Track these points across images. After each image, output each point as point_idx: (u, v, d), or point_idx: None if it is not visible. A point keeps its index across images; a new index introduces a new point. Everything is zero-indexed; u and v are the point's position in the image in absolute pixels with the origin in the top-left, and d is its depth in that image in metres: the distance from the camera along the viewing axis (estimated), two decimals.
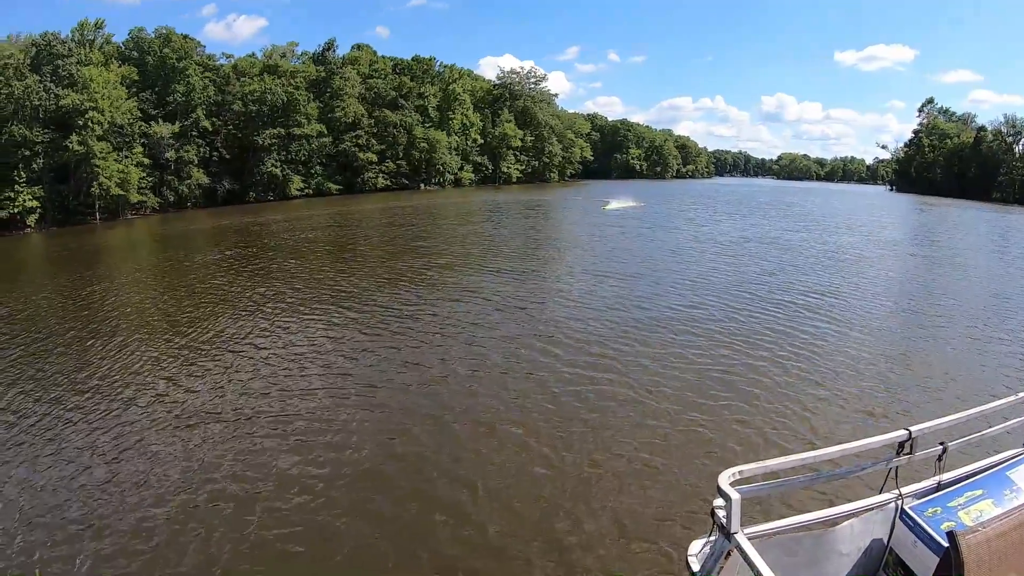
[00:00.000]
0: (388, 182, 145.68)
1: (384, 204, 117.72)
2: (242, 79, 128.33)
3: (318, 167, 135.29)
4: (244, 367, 29.62)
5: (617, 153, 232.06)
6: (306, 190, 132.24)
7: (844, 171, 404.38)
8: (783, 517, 7.14)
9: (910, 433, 7.02)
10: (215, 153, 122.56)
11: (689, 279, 46.12)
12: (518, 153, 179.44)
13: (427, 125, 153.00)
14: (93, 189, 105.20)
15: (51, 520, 17.42)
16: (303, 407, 24.73)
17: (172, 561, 15.54)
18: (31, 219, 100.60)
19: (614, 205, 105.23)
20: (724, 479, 6.07)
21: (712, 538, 6.37)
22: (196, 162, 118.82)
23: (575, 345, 30.37)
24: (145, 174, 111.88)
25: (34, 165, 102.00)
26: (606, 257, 56.85)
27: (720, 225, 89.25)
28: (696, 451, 19.89)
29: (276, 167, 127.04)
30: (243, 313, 39.70)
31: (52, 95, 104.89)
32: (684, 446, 20.22)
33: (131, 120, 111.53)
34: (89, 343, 34.80)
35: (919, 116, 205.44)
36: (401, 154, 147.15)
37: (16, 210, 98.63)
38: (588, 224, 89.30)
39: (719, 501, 6.12)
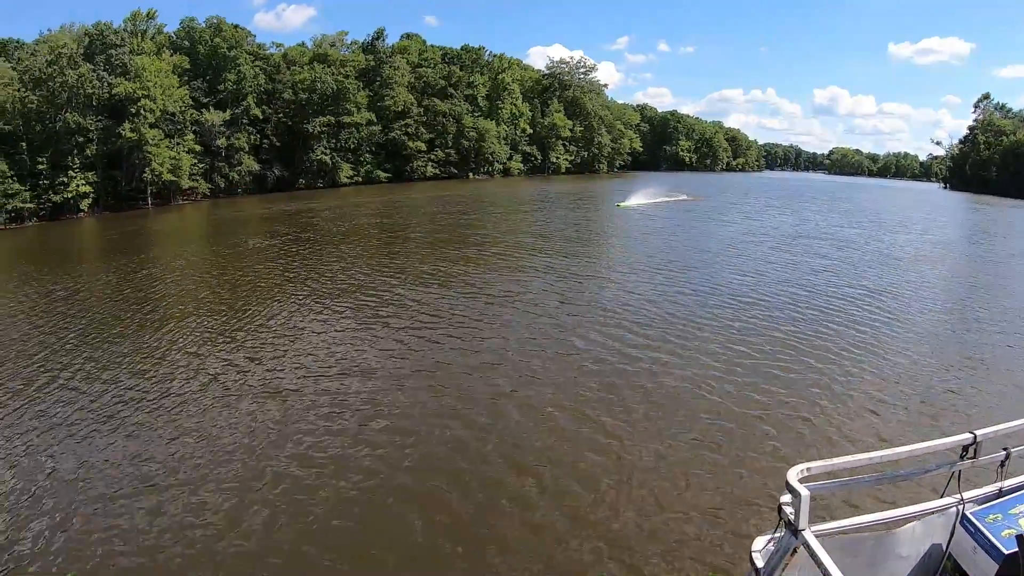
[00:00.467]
0: (437, 171, 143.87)
1: (433, 193, 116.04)
2: (292, 68, 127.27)
3: (367, 155, 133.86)
4: (302, 350, 29.82)
5: (667, 145, 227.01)
6: (355, 178, 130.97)
7: (897, 167, 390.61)
8: (844, 517, 6.99)
9: (975, 437, 6.78)
10: (265, 140, 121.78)
11: (746, 273, 45.53)
12: (567, 143, 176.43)
13: (476, 114, 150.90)
14: (145, 175, 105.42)
15: (108, 494, 17.90)
16: (363, 389, 24.89)
17: (234, 539, 15.90)
18: (84, 204, 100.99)
19: (631, 202, 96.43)
20: (793, 475, 5.98)
21: (778, 534, 6.29)
22: (247, 149, 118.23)
23: (634, 335, 30.08)
24: (196, 161, 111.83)
25: (88, 151, 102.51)
26: (662, 249, 56.06)
27: (774, 219, 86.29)
28: (757, 446, 19.63)
29: (326, 155, 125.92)
30: (297, 297, 39.83)
31: (105, 83, 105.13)
32: (745, 440, 19.95)
33: (183, 108, 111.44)
34: (145, 325, 35.42)
35: (975, 112, 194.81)
36: (450, 143, 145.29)
37: (70, 195, 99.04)
38: (638, 216, 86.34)
39: (787, 497, 6.03)
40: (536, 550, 15.05)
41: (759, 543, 6.46)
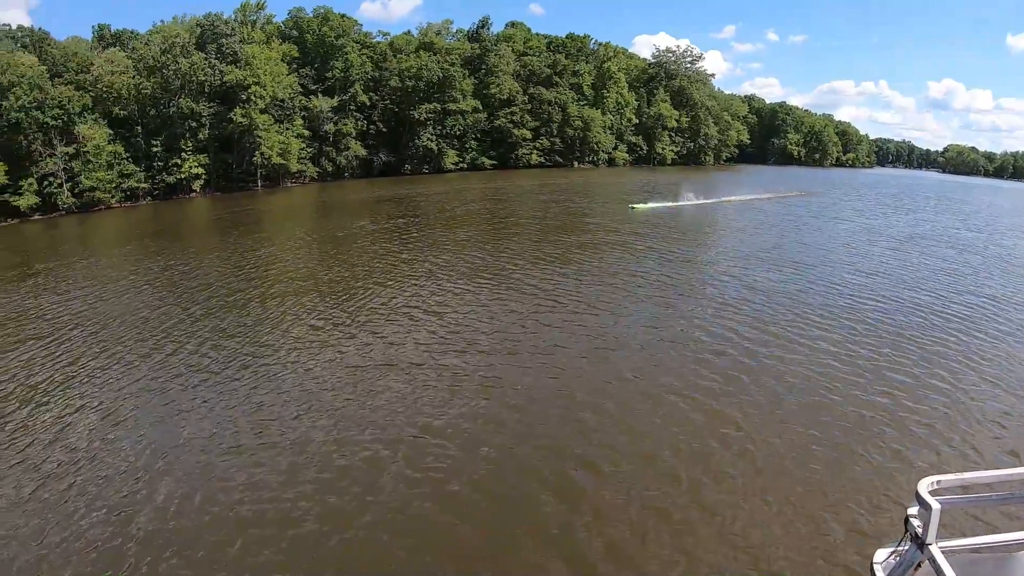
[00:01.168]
0: (542, 159, 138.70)
1: (539, 180, 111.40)
2: (398, 56, 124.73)
3: (473, 142, 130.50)
4: (422, 327, 30.60)
5: (774, 138, 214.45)
6: (461, 164, 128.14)
7: (1015, 168, 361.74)
8: (967, 535, 6.97)
9: None
10: (372, 126, 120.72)
11: (864, 272, 44.16)
12: (673, 134, 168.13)
13: (582, 103, 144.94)
14: (255, 158, 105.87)
15: (232, 450, 19.65)
16: (484, 366, 25.50)
17: (371, 505, 16.71)
18: (196, 185, 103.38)
19: (651, 205, 78.76)
20: (924, 487, 5.89)
21: (902, 547, 6.16)
22: (354, 135, 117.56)
23: (754, 330, 29.78)
24: (305, 145, 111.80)
25: (200, 135, 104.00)
26: (776, 245, 54.43)
27: (888, 218, 79.88)
28: (878, 449, 19.16)
29: (432, 141, 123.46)
30: (414, 278, 40.53)
31: (217, 71, 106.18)
32: (866, 442, 19.50)
33: (292, 94, 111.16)
34: (266, 299, 37.25)
35: None
36: (555, 131, 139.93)
37: (183, 176, 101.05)
38: (751, 211, 79.76)
39: (914, 509, 5.98)
40: (670, 542, 15.13)
41: (881, 555, 6.41)
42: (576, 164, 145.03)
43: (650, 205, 76.36)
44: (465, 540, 15.44)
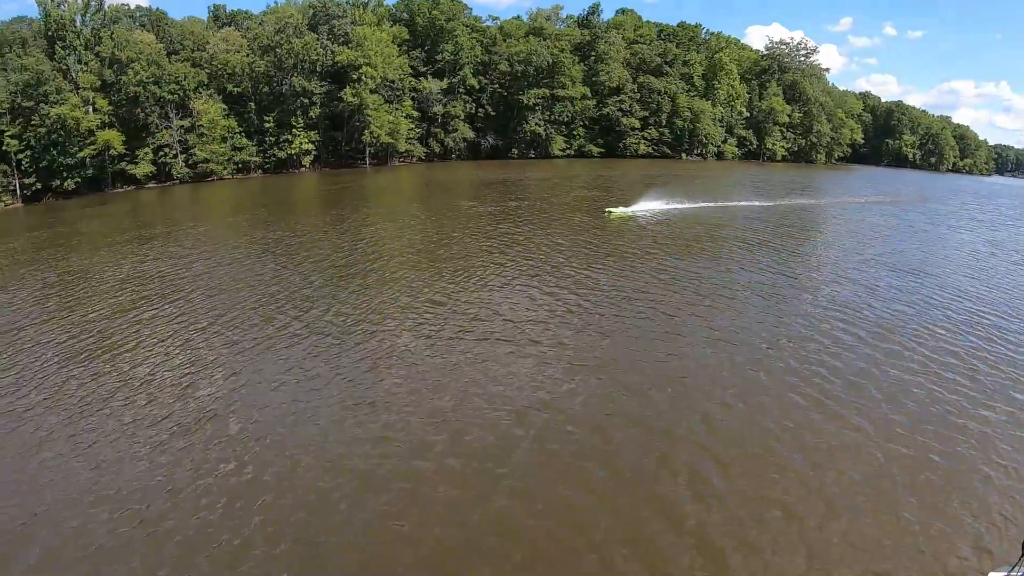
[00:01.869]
0: (649, 149, 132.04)
1: (646, 171, 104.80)
2: (508, 40, 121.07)
3: (580, 129, 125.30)
4: (536, 306, 30.72)
5: (889, 138, 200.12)
6: (568, 151, 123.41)
7: None
8: None
9: None
10: (480, 109, 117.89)
11: (987, 285, 40.46)
12: (784, 129, 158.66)
13: (692, 94, 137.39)
14: (364, 137, 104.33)
15: (360, 418, 20.59)
16: (597, 346, 25.85)
17: (505, 473, 17.55)
18: (306, 160, 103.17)
19: (630, 210, 60.32)
20: None
21: (1016, 572, 6.36)
22: (462, 117, 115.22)
23: (872, 334, 28.54)
24: (413, 126, 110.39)
25: (311, 113, 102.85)
26: (894, 251, 50.10)
27: (1012, 231, 70.27)
28: (999, 472, 18.17)
29: (540, 126, 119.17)
30: (521, 258, 40.26)
31: (328, 51, 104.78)
32: (986, 462, 18.59)
33: (402, 76, 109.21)
34: (378, 273, 37.47)
35: None
36: (664, 121, 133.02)
37: (293, 152, 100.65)
38: (869, 214, 72.35)
39: None
40: (795, 537, 15.21)
41: None
42: (684, 156, 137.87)
43: (628, 210, 59.12)
44: (596, 521, 15.68)
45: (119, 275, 40.83)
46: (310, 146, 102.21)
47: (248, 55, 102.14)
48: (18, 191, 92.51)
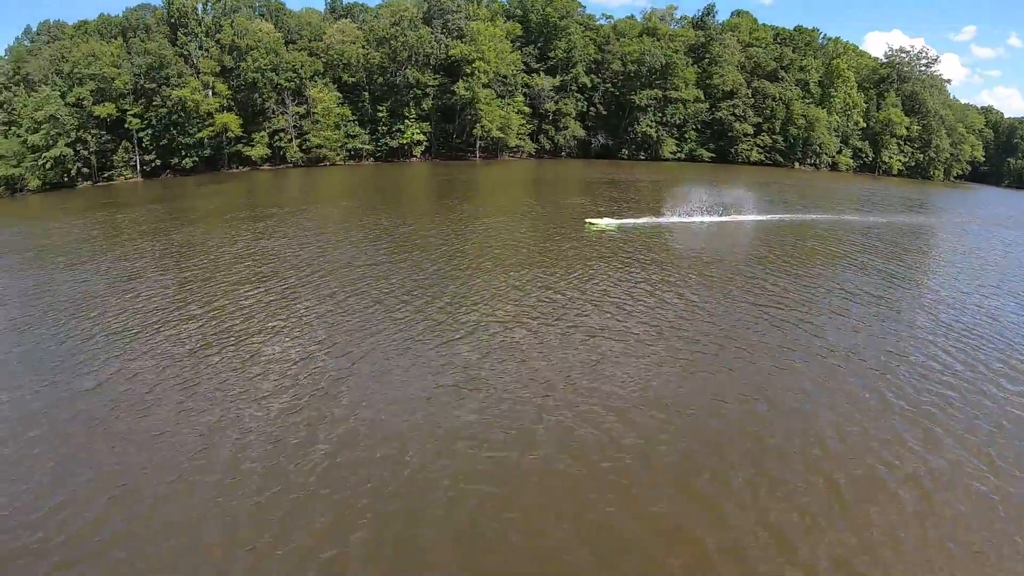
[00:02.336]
0: (762, 156, 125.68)
1: (758, 179, 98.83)
2: (621, 39, 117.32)
3: (692, 132, 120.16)
4: (650, 309, 29.81)
5: (1011, 157, 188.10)
6: (678, 154, 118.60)
7: None
8: None
9: None
10: (592, 108, 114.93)
11: None
12: (901, 143, 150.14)
13: (807, 101, 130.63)
14: (475, 130, 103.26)
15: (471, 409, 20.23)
16: (708, 352, 25.13)
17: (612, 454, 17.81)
18: (417, 150, 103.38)
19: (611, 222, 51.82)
20: None
21: None
22: (573, 115, 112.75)
23: (992, 368, 25.41)
24: (524, 121, 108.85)
25: (424, 104, 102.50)
26: (1017, 280, 43.80)
27: None
28: None
29: (651, 128, 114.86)
30: (636, 261, 38.94)
31: (442, 45, 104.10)
32: None
33: (514, 71, 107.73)
34: (490, 266, 36.70)
35: None
36: (778, 128, 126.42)
37: (405, 141, 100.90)
38: (985, 234, 64.52)
39: None
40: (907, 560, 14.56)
41: None
42: (797, 165, 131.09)
43: (613, 222, 51.21)
44: (701, 538, 14.99)
45: (235, 251, 41.76)
46: (421, 137, 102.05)
47: (363, 46, 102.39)
48: (138, 167, 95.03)
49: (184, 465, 17.51)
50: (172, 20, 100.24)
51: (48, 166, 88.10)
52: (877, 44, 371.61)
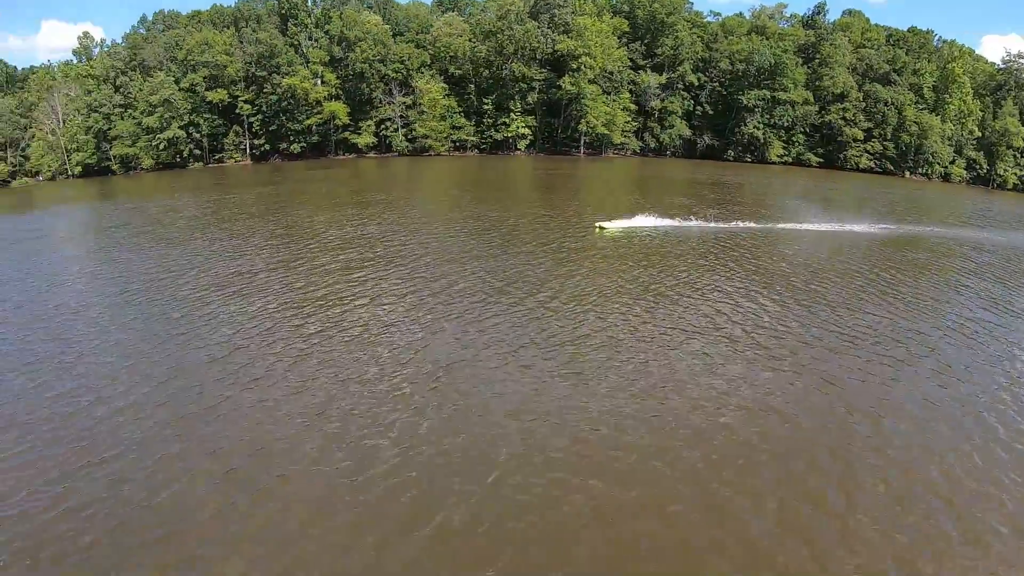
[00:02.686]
0: (871, 163, 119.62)
1: (868, 187, 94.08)
2: (729, 37, 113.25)
3: (800, 136, 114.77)
4: (756, 312, 28.92)
5: None
6: (785, 157, 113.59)
7: None
8: None
9: None
10: (698, 107, 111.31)
11: None
12: (1019, 155, 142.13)
13: (920, 107, 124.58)
14: (580, 126, 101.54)
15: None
16: (820, 357, 24.17)
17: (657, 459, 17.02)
18: (521, 144, 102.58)
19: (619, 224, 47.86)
20: None
21: None
22: (679, 113, 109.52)
23: None
24: (630, 119, 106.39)
25: (529, 98, 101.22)
26: None
27: None
28: None
29: (758, 129, 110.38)
30: (745, 261, 38.22)
31: (549, 39, 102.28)
32: None
33: (620, 68, 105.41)
34: (590, 268, 35.44)
35: None
36: (889, 135, 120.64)
37: (510, 135, 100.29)
38: None
39: None
40: None
41: None
42: (907, 174, 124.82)
43: (623, 224, 47.70)
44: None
45: (343, 235, 42.17)
46: (526, 131, 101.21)
47: (470, 39, 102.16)
48: (248, 150, 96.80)
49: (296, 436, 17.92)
50: (283, 11, 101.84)
51: (162, 147, 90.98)
52: (994, 48, 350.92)
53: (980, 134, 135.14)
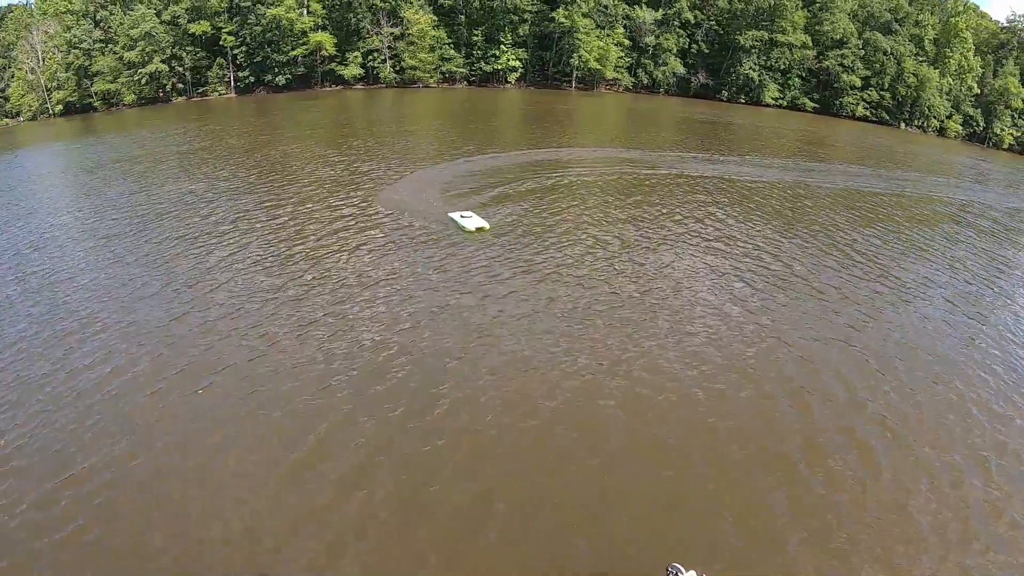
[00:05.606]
0: (867, 112, 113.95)
1: (862, 136, 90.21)
2: None
3: (796, 80, 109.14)
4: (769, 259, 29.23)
5: None
6: (780, 101, 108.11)
7: None
8: None
9: None
10: (694, 45, 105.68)
11: None
12: (1016, 115, 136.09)
13: (920, 59, 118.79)
14: (572, 60, 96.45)
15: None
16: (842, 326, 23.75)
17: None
18: (512, 77, 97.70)
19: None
20: None
21: None
22: (674, 51, 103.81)
23: None
24: (623, 54, 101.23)
25: (520, 31, 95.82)
26: None
27: None
28: None
29: (754, 71, 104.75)
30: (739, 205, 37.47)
31: None
32: None
33: (615, 2, 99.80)
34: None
35: None
36: (887, 84, 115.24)
37: (500, 67, 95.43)
38: None
39: None
40: None
41: None
42: (903, 125, 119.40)
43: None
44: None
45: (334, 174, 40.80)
46: (517, 63, 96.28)
47: None
48: (232, 83, 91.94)
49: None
50: None
51: (144, 82, 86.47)
52: (1000, 6, 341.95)
53: (979, 91, 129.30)
